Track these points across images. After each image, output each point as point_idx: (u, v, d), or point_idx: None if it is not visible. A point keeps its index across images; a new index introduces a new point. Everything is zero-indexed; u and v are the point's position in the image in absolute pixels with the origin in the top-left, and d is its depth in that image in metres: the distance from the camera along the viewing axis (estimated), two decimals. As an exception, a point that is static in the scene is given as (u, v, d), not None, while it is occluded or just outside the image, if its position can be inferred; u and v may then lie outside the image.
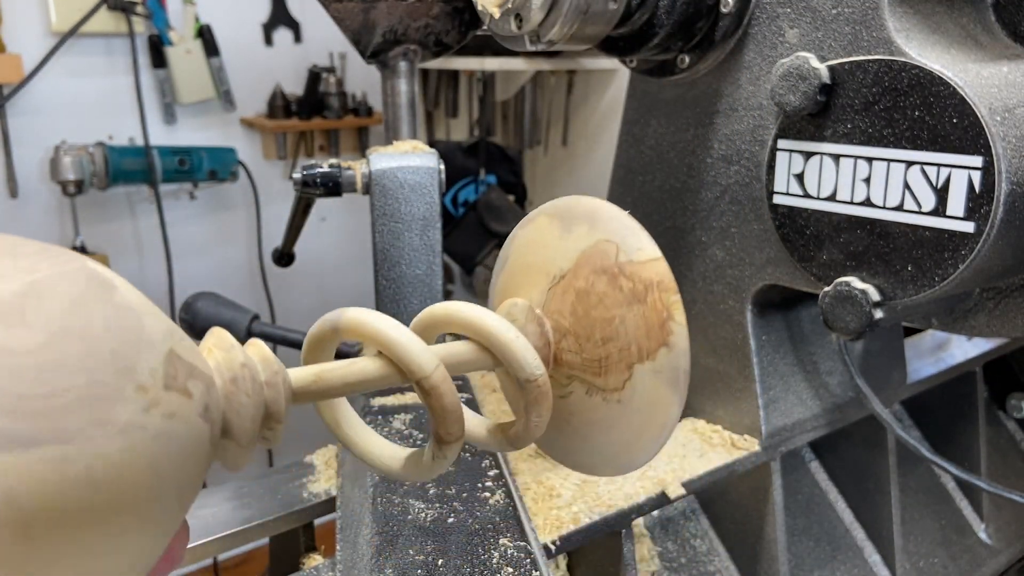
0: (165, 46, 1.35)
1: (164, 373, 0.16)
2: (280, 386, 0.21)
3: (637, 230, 0.25)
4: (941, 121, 0.39)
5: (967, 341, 0.71)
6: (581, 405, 0.26)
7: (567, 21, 0.45)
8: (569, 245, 0.26)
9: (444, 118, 1.62)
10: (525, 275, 0.28)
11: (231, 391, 0.19)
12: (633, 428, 0.25)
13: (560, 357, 0.26)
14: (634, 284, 0.24)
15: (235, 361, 0.20)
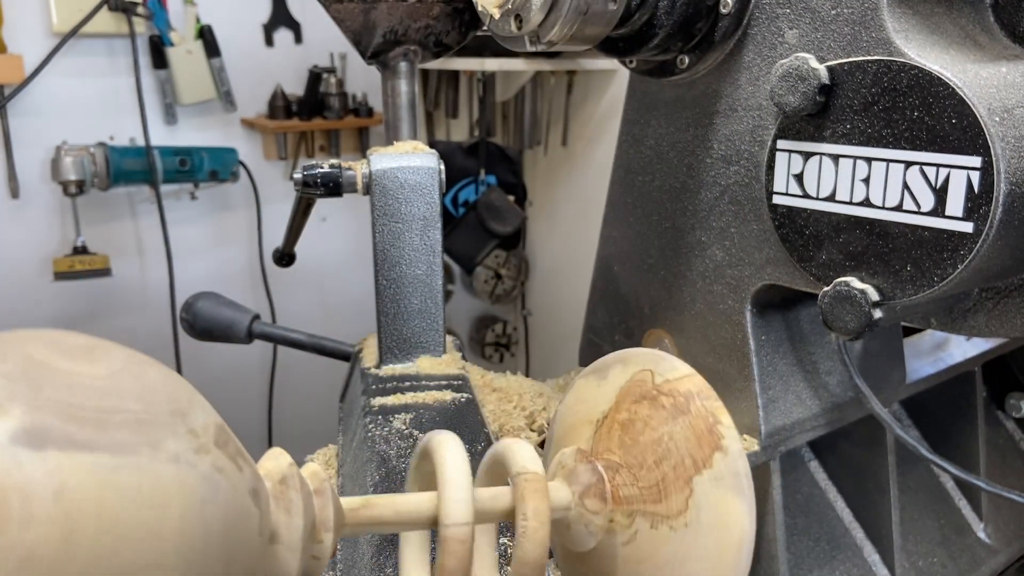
0: (166, 47, 1.36)
1: (216, 433, 0.17)
2: (328, 495, 0.21)
3: (667, 356, 0.26)
4: (940, 121, 0.39)
5: (966, 341, 0.71)
6: (649, 544, 0.24)
7: (567, 22, 0.45)
8: (606, 389, 0.27)
9: (444, 118, 1.62)
10: (571, 434, 0.28)
11: (281, 490, 0.20)
12: (709, 554, 0.23)
13: (617, 493, 0.25)
14: (675, 399, 0.25)
15: (283, 465, 0.20)
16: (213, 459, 0.17)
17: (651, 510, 0.24)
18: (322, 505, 0.21)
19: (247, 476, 0.18)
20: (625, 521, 0.25)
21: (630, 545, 0.24)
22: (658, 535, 0.24)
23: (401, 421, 0.54)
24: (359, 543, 0.44)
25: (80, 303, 1.40)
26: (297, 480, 0.20)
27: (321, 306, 1.64)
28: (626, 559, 0.25)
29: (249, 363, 1.56)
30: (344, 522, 0.21)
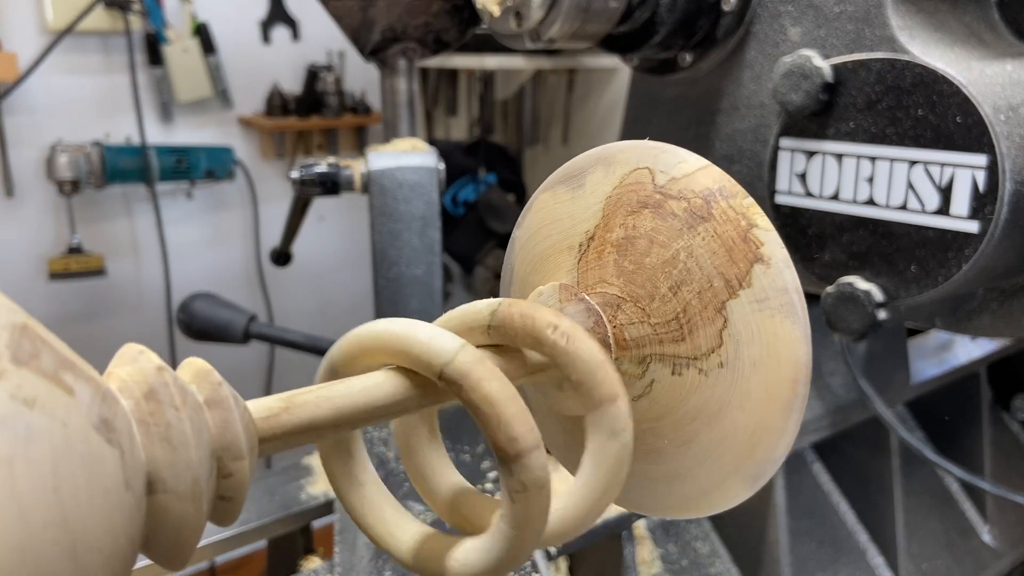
0: (162, 44, 1.35)
1: (10, 341, 0.11)
2: (229, 403, 0.14)
3: (667, 147, 0.19)
4: (945, 120, 0.39)
5: (971, 342, 0.70)
6: (671, 395, 0.19)
7: (567, 19, 0.44)
8: (586, 201, 0.20)
9: (443, 117, 1.62)
10: (542, 268, 0.21)
11: (150, 410, 0.13)
12: (755, 399, 0.17)
13: (622, 336, 0.19)
14: (689, 202, 0.18)
15: (148, 370, 0.13)
16: (12, 386, 0.10)
17: (671, 352, 0.19)
18: (224, 421, 0.14)
19: (84, 399, 0.11)
20: (636, 370, 0.19)
21: (645, 399, 0.19)
22: (683, 382, 0.18)
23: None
24: (358, 546, 0.43)
25: (75, 303, 1.39)
26: (173, 390, 0.13)
27: (319, 306, 1.64)
28: (640, 416, 0.19)
29: (246, 364, 1.55)
30: (259, 437, 0.15)
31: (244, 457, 0.14)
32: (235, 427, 0.14)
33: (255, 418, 0.15)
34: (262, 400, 0.15)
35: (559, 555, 0.46)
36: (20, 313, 0.12)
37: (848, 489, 0.62)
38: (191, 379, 0.14)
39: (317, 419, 0.15)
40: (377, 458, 0.49)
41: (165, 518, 0.13)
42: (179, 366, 0.15)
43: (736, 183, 0.18)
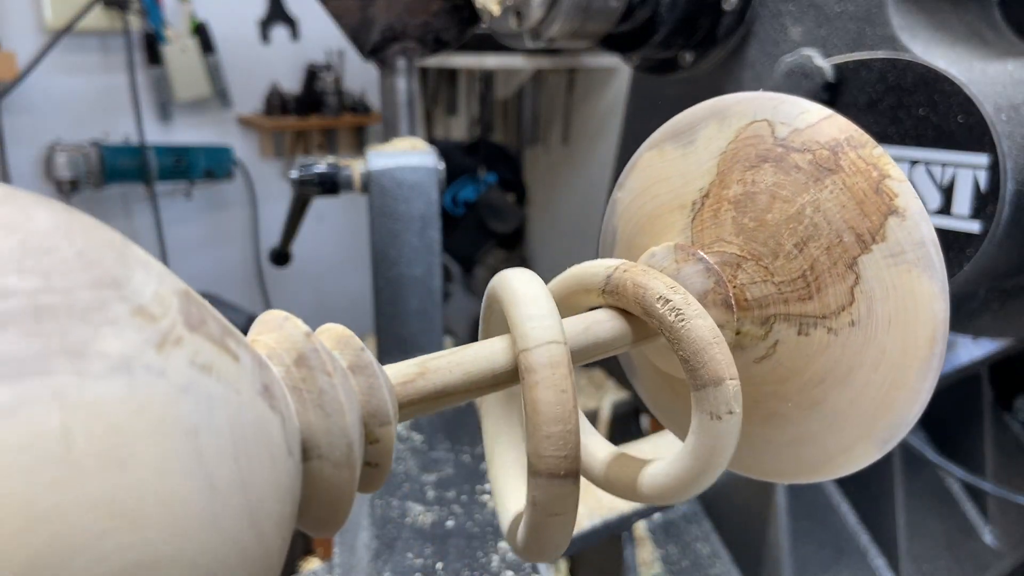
0: (161, 43, 1.35)
1: (181, 307, 0.11)
2: (374, 369, 0.14)
3: (787, 98, 0.18)
4: (946, 119, 0.38)
5: (972, 342, 0.70)
6: (797, 356, 0.18)
7: (568, 18, 0.44)
8: (699, 157, 0.19)
9: (443, 116, 1.62)
10: (652, 228, 0.20)
11: (301, 376, 0.13)
12: (889, 358, 0.17)
13: (743, 296, 0.18)
14: (814, 154, 0.17)
15: (296, 336, 0.13)
16: (190, 353, 0.10)
17: (797, 311, 0.17)
18: (369, 387, 0.14)
19: (248, 366, 0.11)
20: (759, 331, 0.18)
21: (768, 360, 0.18)
22: (810, 342, 0.17)
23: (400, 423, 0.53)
24: (357, 547, 0.43)
25: (75, 303, 1.39)
26: (323, 356, 0.13)
27: (318, 306, 1.64)
28: (762, 379, 0.18)
29: (246, 363, 1.55)
30: (400, 402, 0.15)
31: (391, 422, 0.14)
32: (381, 393, 0.14)
33: (393, 384, 0.15)
34: (397, 366, 0.15)
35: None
36: (179, 280, 0.12)
37: (849, 490, 0.62)
38: (333, 345, 0.14)
39: (450, 384, 0.15)
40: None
41: (321, 484, 0.13)
42: (317, 331, 0.15)
43: (864, 132, 0.18)
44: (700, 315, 0.16)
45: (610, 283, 0.18)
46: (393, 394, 0.14)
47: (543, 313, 0.16)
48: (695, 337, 0.16)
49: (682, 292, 0.17)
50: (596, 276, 0.18)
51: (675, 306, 0.17)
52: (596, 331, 0.18)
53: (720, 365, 0.16)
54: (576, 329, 0.17)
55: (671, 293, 0.17)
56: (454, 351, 0.16)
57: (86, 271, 0.10)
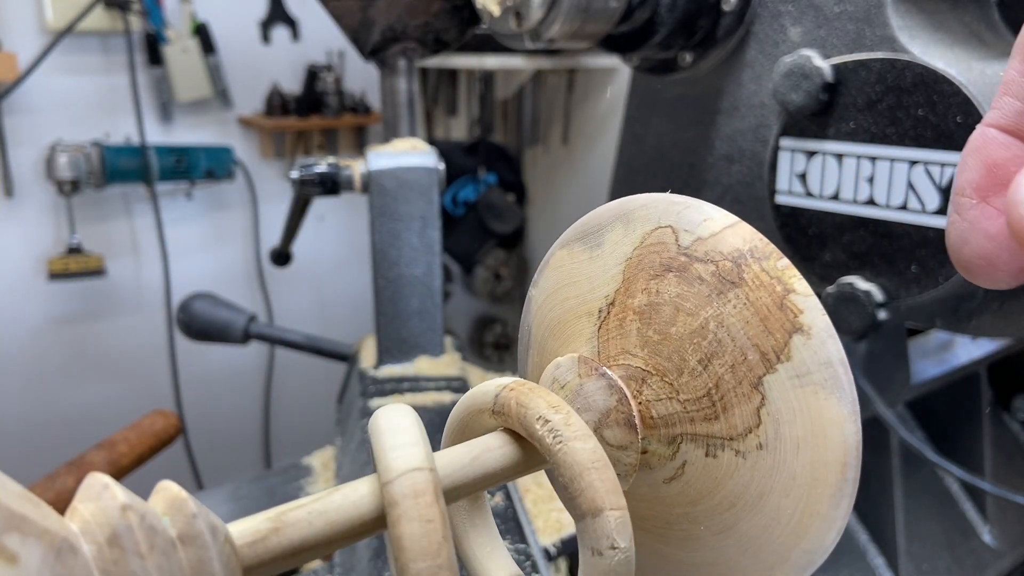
0: (161, 44, 1.35)
1: None
2: (205, 539, 0.13)
3: (691, 202, 0.18)
4: (945, 120, 0.39)
5: (971, 342, 0.70)
6: (705, 478, 0.17)
7: (567, 19, 0.44)
8: (605, 263, 0.19)
9: (443, 117, 1.62)
10: (559, 335, 0.20)
11: (113, 558, 0.11)
12: (798, 483, 0.16)
13: (649, 414, 0.18)
14: (717, 265, 0.17)
15: (111, 510, 0.12)
16: None
17: (704, 431, 0.17)
18: (198, 561, 0.12)
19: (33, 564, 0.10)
20: (666, 451, 0.18)
21: (677, 482, 0.18)
22: (718, 464, 0.17)
23: (399, 423, 0.53)
24: (357, 546, 0.43)
25: (74, 304, 1.39)
26: (140, 533, 0.12)
27: (318, 306, 1.64)
28: (672, 501, 0.18)
29: (246, 364, 1.55)
30: (244, 566, 0.13)
31: None
32: (211, 567, 0.13)
33: (239, 544, 0.14)
34: (249, 521, 0.14)
35: (559, 555, 0.46)
36: None
37: (848, 489, 0.62)
38: (164, 509, 0.13)
39: (310, 538, 0.14)
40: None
41: None
42: (153, 491, 0.14)
43: (769, 242, 0.17)
44: (580, 437, 0.16)
45: (497, 402, 0.17)
46: (233, 561, 0.13)
47: (405, 441, 0.15)
48: (571, 461, 0.15)
49: (564, 412, 0.16)
50: (487, 396, 0.17)
51: (553, 427, 0.16)
52: (485, 460, 0.17)
53: (597, 493, 0.15)
54: (462, 460, 0.16)
55: (551, 413, 0.16)
56: (317, 498, 0.15)
57: None
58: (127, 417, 0.84)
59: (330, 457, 0.65)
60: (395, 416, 0.16)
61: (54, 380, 1.38)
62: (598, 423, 0.18)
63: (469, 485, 0.16)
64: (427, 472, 0.14)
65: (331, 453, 0.66)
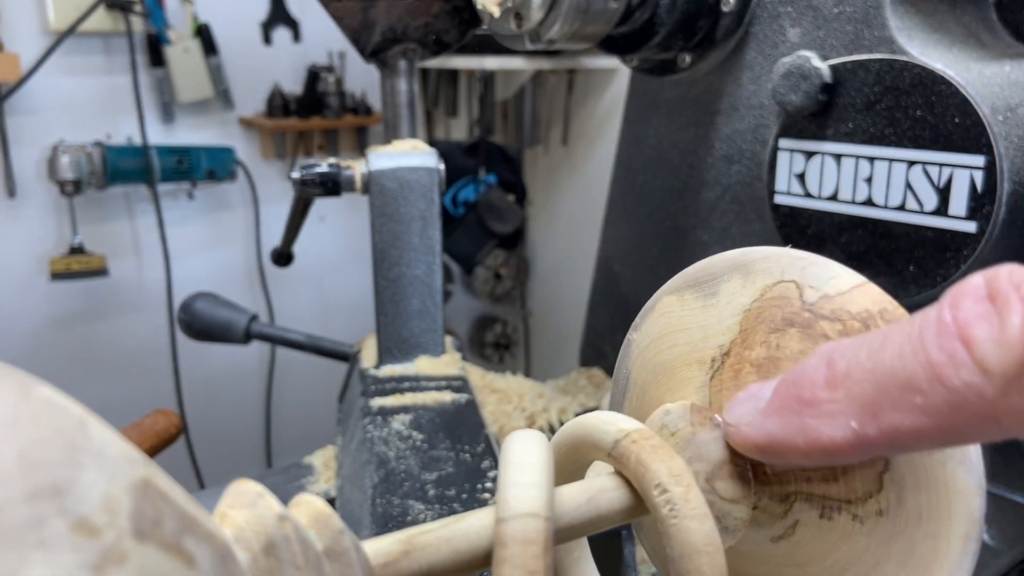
0: (163, 45, 1.35)
1: (133, 509, 0.10)
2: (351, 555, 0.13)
3: (816, 259, 0.18)
4: (943, 120, 0.39)
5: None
6: (817, 541, 0.17)
7: (567, 20, 0.44)
8: (720, 312, 0.19)
9: (444, 117, 1.62)
10: (667, 380, 0.20)
11: (269, 567, 0.12)
12: (918, 555, 0.15)
13: (762, 469, 0.17)
14: (844, 324, 0.16)
15: (268, 519, 0.12)
16: (135, 570, 0.09)
17: (820, 492, 0.17)
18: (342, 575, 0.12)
19: (205, 567, 0.10)
20: (778, 509, 0.17)
21: (785, 541, 0.17)
22: (833, 528, 0.16)
23: (400, 422, 0.54)
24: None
25: (76, 303, 1.39)
26: (295, 545, 0.12)
27: (319, 306, 1.64)
28: (780, 560, 0.17)
29: (247, 364, 1.55)
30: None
31: None
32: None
33: (373, 565, 0.14)
34: (380, 542, 0.14)
35: (559, 554, 0.47)
36: (140, 464, 0.10)
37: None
38: (309, 523, 0.13)
39: (437, 565, 0.14)
40: (379, 458, 0.49)
41: None
42: (292, 503, 0.14)
43: (899, 305, 0.17)
44: (698, 516, 0.15)
45: (616, 450, 0.17)
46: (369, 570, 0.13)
47: (528, 481, 0.14)
48: (684, 540, 0.15)
49: (685, 484, 0.16)
50: (606, 436, 0.17)
51: (671, 499, 0.15)
52: (600, 501, 0.16)
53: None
54: (578, 500, 0.16)
55: (672, 483, 0.16)
56: (444, 523, 0.15)
57: (25, 478, 0.09)
58: (129, 416, 0.84)
59: (331, 456, 0.66)
60: (527, 449, 0.15)
61: (56, 380, 1.38)
62: (711, 474, 0.18)
63: (581, 526, 0.16)
64: (542, 521, 0.14)
65: (332, 452, 0.66)
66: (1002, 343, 0.12)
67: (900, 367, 0.13)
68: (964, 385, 0.12)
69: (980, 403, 0.12)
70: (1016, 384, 0.12)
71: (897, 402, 0.13)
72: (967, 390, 0.12)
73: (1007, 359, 0.12)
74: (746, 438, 0.16)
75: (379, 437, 0.51)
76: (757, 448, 0.16)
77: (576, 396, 0.67)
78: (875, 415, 0.14)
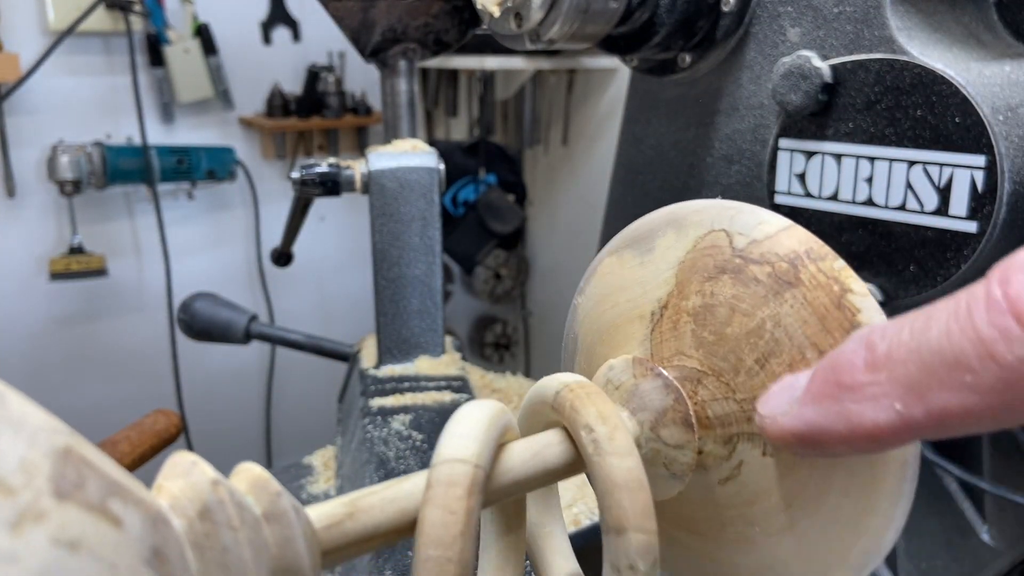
0: (163, 45, 1.35)
1: (52, 472, 0.10)
2: (290, 517, 0.13)
3: (743, 207, 0.18)
4: (943, 120, 0.39)
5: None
6: (762, 478, 0.17)
7: (567, 20, 0.44)
8: (657, 266, 0.19)
9: (444, 117, 1.62)
10: (610, 338, 0.20)
11: (204, 531, 0.12)
12: (857, 482, 0.16)
13: (705, 414, 0.18)
14: (773, 266, 0.17)
15: (201, 485, 0.12)
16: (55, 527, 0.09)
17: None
18: (284, 539, 0.13)
19: (134, 530, 0.10)
20: (722, 451, 0.18)
21: (732, 482, 0.18)
22: (775, 464, 0.17)
23: (400, 422, 0.54)
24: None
25: (76, 303, 1.39)
26: (230, 508, 0.12)
27: (319, 306, 1.64)
28: (727, 502, 0.18)
29: (247, 364, 1.55)
30: (324, 549, 0.14)
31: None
32: (297, 545, 0.13)
33: (316, 528, 0.14)
34: (324, 506, 0.14)
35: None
36: (63, 433, 0.11)
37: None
38: (247, 489, 0.13)
39: (383, 524, 0.14)
40: (378, 457, 0.49)
41: None
42: (233, 472, 0.14)
43: (824, 244, 0.17)
44: (619, 453, 0.16)
45: (556, 400, 0.17)
46: (314, 542, 0.13)
47: (463, 432, 0.15)
48: (605, 476, 0.15)
49: (611, 424, 0.16)
50: (548, 390, 0.18)
51: (596, 438, 0.16)
52: (545, 455, 0.17)
53: (625, 512, 0.15)
54: (523, 456, 0.17)
55: (597, 423, 0.16)
56: (387, 485, 0.15)
57: None
58: (128, 416, 0.84)
59: (331, 456, 0.66)
60: (472, 408, 0.16)
61: (56, 380, 1.39)
62: (654, 422, 0.18)
63: (527, 481, 0.16)
64: (469, 466, 0.14)
65: (332, 452, 0.66)
66: None
67: (947, 345, 0.13)
68: (1018, 361, 0.12)
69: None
70: None
71: (945, 381, 0.13)
72: (1022, 366, 0.12)
73: None
74: (784, 429, 0.16)
75: (379, 437, 0.51)
76: (797, 438, 0.15)
77: (576, 396, 0.67)
78: (921, 396, 0.13)
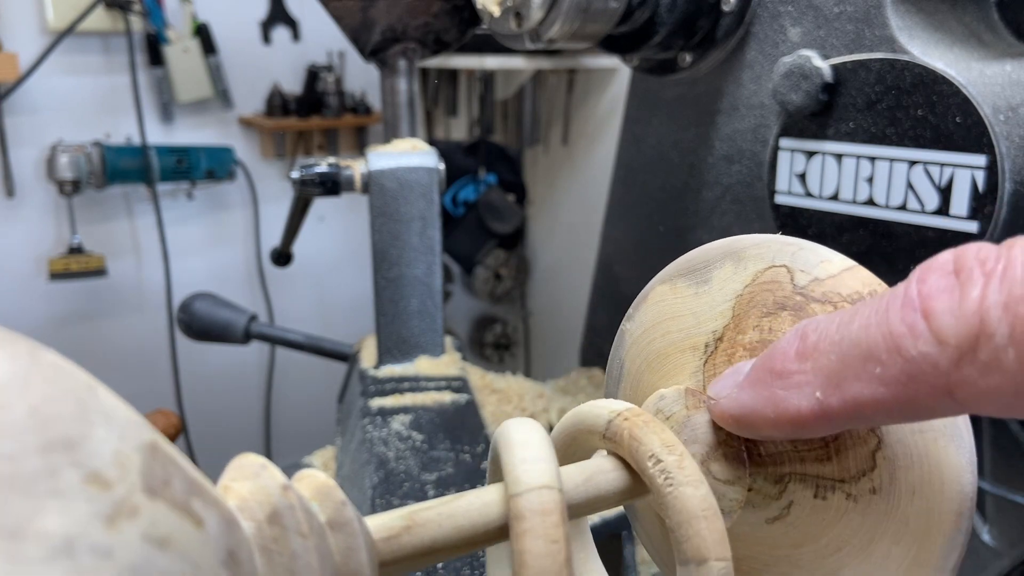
0: (162, 44, 1.35)
1: (143, 467, 0.10)
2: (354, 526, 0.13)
3: (806, 244, 0.18)
4: (944, 120, 0.39)
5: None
6: (812, 521, 0.17)
7: (567, 19, 0.44)
8: (713, 298, 0.19)
9: (443, 117, 1.62)
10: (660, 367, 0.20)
11: (273, 536, 0.12)
12: (911, 531, 0.16)
13: (756, 451, 0.17)
14: (835, 306, 0.17)
15: (272, 489, 0.12)
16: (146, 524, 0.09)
17: (814, 472, 0.17)
18: (347, 548, 0.13)
19: (212, 531, 0.10)
20: (772, 490, 0.17)
21: (781, 522, 0.17)
22: (827, 507, 0.16)
23: (400, 422, 0.53)
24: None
25: (75, 304, 1.39)
26: (299, 513, 0.12)
27: (319, 306, 1.64)
28: (773, 542, 0.17)
29: (247, 364, 1.55)
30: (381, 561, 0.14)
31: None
32: (359, 555, 0.13)
33: (375, 539, 0.14)
34: (382, 517, 0.14)
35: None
36: (147, 428, 0.11)
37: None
38: (312, 496, 0.13)
39: (439, 540, 0.14)
40: (378, 458, 0.49)
41: None
42: (295, 477, 0.14)
43: (888, 287, 0.17)
44: (692, 482, 0.15)
45: (609, 429, 0.17)
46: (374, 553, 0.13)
47: (536, 456, 0.14)
48: (681, 507, 0.15)
49: (679, 453, 0.16)
50: (599, 419, 0.17)
51: (666, 468, 0.16)
52: (598, 481, 0.16)
53: (704, 542, 0.15)
54: (576, 480, 0.16)
55: (664, 453, 0.16)
56: (445, 501, 0.15)
57: (38, 432, 0.09)
58: (128, 417, 0.84)
59: (331, 456, 0.66)
60: (527, 430, 0.16)
61: (55, 380, 1.38)
62: (705, 456, 0.18)
63: (581, 506, 0.16)
64: (556, 492, 0.14)
65: (332, 452, 0.66)
66: (958, 315, 0.12)
67: (864, 338, 0.14)
68: (920, 355, 0.13)
69: (935, 374, 0.13)
70: (969, 356, 0.12)
71: (859, 373, 0.14)
72: (922, 360, 0.13)
73: (961, 330, 0.12)
74: (723, 410, 0.17)
75: (379, 437, 0.51)
76: (732, 419, 0.16)
77: (576, 396, 0.67)
78: (838, 386, 0.14)
